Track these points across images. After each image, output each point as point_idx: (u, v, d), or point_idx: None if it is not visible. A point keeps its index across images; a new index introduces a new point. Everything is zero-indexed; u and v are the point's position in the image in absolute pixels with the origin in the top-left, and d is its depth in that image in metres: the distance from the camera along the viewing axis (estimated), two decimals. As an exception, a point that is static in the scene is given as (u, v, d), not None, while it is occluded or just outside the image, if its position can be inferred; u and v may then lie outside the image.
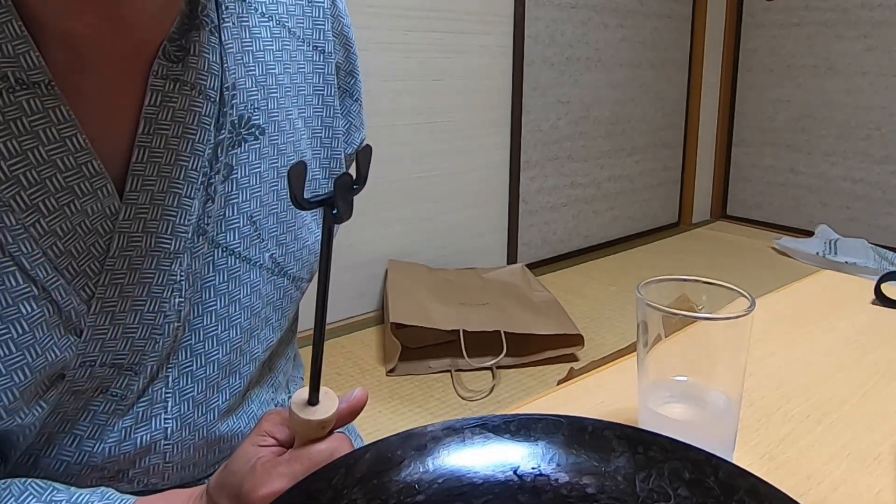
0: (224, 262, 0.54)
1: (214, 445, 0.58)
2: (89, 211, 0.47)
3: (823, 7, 3.35)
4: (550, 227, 3.10)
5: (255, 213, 0.56)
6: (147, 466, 0.54)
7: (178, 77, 0.49)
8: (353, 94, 0.65)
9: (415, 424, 0.45)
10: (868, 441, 0.55)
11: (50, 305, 0.46)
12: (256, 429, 0.46)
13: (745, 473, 0.40)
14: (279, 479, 0.41)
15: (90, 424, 0.51)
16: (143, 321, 0.51)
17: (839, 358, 0.70)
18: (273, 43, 0.56)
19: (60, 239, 0.46)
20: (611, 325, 2.48)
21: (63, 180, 0.45)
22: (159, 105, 0.49)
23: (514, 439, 0.43)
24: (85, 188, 0.46)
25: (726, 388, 0.50)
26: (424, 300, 2.22)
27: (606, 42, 3.15)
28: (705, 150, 3.81)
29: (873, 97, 3.24)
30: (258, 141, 0.55)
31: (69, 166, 0.45)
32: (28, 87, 0.43)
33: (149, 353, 0.52)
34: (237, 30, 0.54)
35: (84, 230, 0.47)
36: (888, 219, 3.26)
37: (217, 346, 0.55)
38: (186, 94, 0.50)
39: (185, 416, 0.55)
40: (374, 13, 2.30)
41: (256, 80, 0.55)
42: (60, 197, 0.45)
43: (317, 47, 0.60)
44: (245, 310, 0.56)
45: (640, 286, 0.50)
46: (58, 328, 0.47)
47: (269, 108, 0.56)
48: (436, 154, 2.60)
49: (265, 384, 0.63)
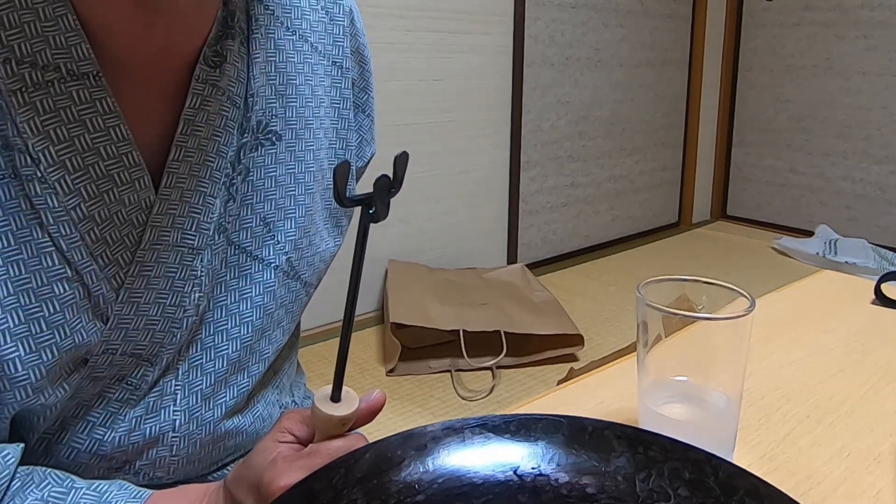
0: (235, 260, 0.56)
1: (219, 442, 0.59)
2: (126, 201, 0.49)
3: (823, 7, 3.35)
4: (550, 227, 3.10)
5: (269, 214, 0.58)
6: (154, 458, 0.55)
7: (215, 83, 0.52)
8: (366, 109, 0.68)
9: (415, 424, 0.45)
10: (868, 441, 0.55)
11: (81, 289, 0.48)
12: (276, 425, 0.47)
13: (745, 473, 0.40)
14: (298, 472, 0.42)
15: (103, 411, 0.53)
16: (165, 314, 0.52)
17: (839, 358, 0.70)
18: (295, 56, 0.59)
19: (98, 225, 0.48)
20: (611, 325, 2.48)
21: (104, 168, 0.47)
22: (198, 108, 0.51)
23: (514, 439, 0.43)
24: (124, 177, 0.48)
25: (726, 388, 0.50)
26: (424, 300, 2.22)
27: (606, 42, 3.15)
28: (705, 150, 3.81)
29: (873, 97, 3.24)
30: (274, 146, 0.57)
31: (111, 155, 0.47)
32: (78, 78, 0.45)
33: (166, 346, 0.53)
34: (264, 41, 0.56)
35: (120, 220, 0.49)
36: (888, 219, 3.26)
37: (227, 341, 0.57)
38: (219, 99, 0.52)
39: (193, 409, 0.56)
40: (374, 13, 2.30)
41: (276, 90, 0.57)
42: (101, 184, 0.47)
43: (335, 62, 0.63)
44: (257, 308, 0.58)
45: (640, 286, 0.50)
46: (87, 312, 0.48)
47: (287, 117, 0.58)
48: (436, 154, 2.60)
49: (270, 385, 0.65)
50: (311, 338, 2.28)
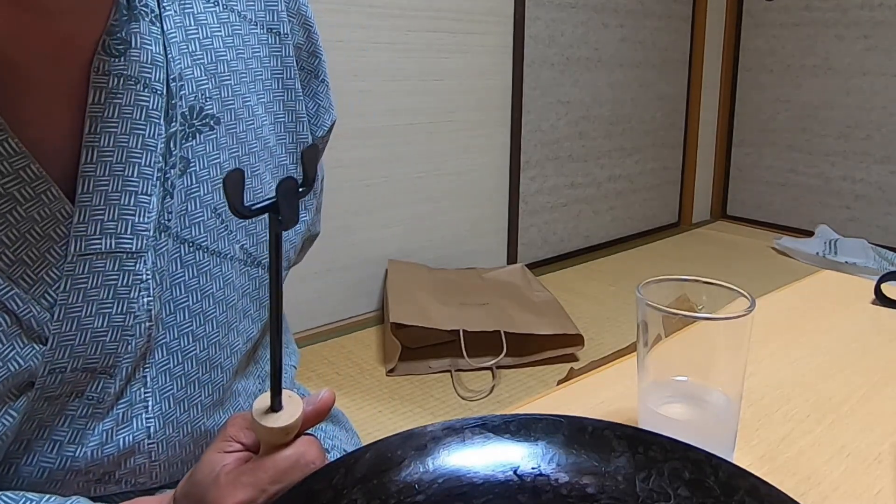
0: (192, 258, 0.53)
1: (201, 441, 0.57)
2: (37, 216, 0.45)
3: (823, 7, 3.35)
4: (550, 227, 3.10)
5: (219, 205, 0.54)
6: (133, 467, 0.53)
7: (122, 72, 0.47)
8: (318, 74, 0.63)
9: (415, 424, 0.44)
10: (868, 441, 0.55)
11: (7, 316, 0.45)
12: (221, 434, 0.44)
13: (745, 473, 0.40)
14: (243, 490, 0.40)
15: (69, 429, 0.50)
16: (112, 324, 0.49)
17: (839, 358, 0.70)
18: (221, 29, 0.55)
19: (9, 248, 0.44)
20: (611, 325, 2.48)
21: (1, 188, 0.43)
22: (104, 102, 0.47)
23: (514, 439, 0.43)
24: (27, 193, 0.44)
25: (726, 388, 0.50)
26: (424, 300, 2.22)
27: (606, 42, 3.15)
28: (705, 150, 3.81)
29: (873, 97, 3.24)
30: (214, 131, 0.54)
31: (5, 172, 0.43)
32: None
33: (122, 355, 0.51)
34: (180, 18, 0.52)
35: (35, 237, 0.45)
36: (888, 219, 3.26)
37: (193, 342, 0.54)
38: (131, 89, 0.48)
39: (168, 414, 0.54)
40: (374, 13, 2.30)
41: (206, 69, 0.53)
42: (1, 205, 0.44)
43: (271, 29, 0.59)
44: (219, 303, 0.55)
45: (640, 286, 0.50)
46: (19, 338, 0.45)
47: (223, 97, 0.54)
48: (436, 154, 2.60)
49: (251, 376, 0.62)
50: (312, 338, 2.28)
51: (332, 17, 2.18)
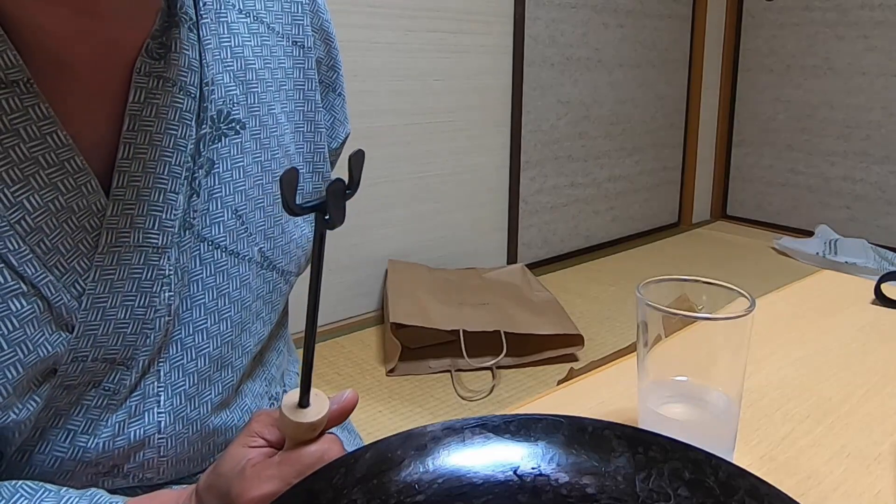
0: (210, 256, 0.55)
1: (209, 439, 0.58)
2: (75, 207, 0.47)
3: (823, 7, 3.35)
4: (550, 227, 3.10)
5: (240, 207, 0.56)
6: (141, 461, 0.54)
7: (161, 74, 0.50)
8: (336, 88, 0.66)
9: (415, 424, 0.45)
10: (868, 441, 0.55)
11: (40, 302, 0.46)
12: (246, 429, 0.45)
13: (745, 473, 0.40)
14: (269, 483, 0.41)
15: (83, 419, 0.52)
16: (134, 316, 0.51)
17: (839, 358, 0.70)
18: (251, 39, 0.57)
19: (48, 236, 0.46)
20: (611, 325, 2.48)
21: (46, 177, 0.45)
22: (143, 102, 0.49)
23: (514, 439, 0.43)
24: (69, 184, 0.46)
25: (726, 388, 0.50)
26: (424, 300, 2.22)
27: (606, 42, 3.15)
28: (705, 150, 3.81)
29: (873, 97, 3.24)
30: (239, 136, 0.56)
31: (51, 162, 0.46)
32: (6, 87, 0.43)
33: (140, 348, 0.52)
34: (215, 26, 0.55)
35: (71, 227, 0.47)
36: (888, 219, 3.26)
37: (207, 339, 0.56)
38: (168, 91, 0.50)
39: (178, 409, 0.55)
40: (374, 13, 2.30)
41: (235, 76, 0.55)
42: (45, 194, 0.46)
43: (296, 42, 0.61)
44: (235, 303, 0.57)
45: (640, 286, 0.50)
46: (49, 324, 0.47)
47: (249, 103, 0.56)
48: (436, 154, 2.60)
49: (258, 378, 0.64)
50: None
51: (333, 17, 2.17)
